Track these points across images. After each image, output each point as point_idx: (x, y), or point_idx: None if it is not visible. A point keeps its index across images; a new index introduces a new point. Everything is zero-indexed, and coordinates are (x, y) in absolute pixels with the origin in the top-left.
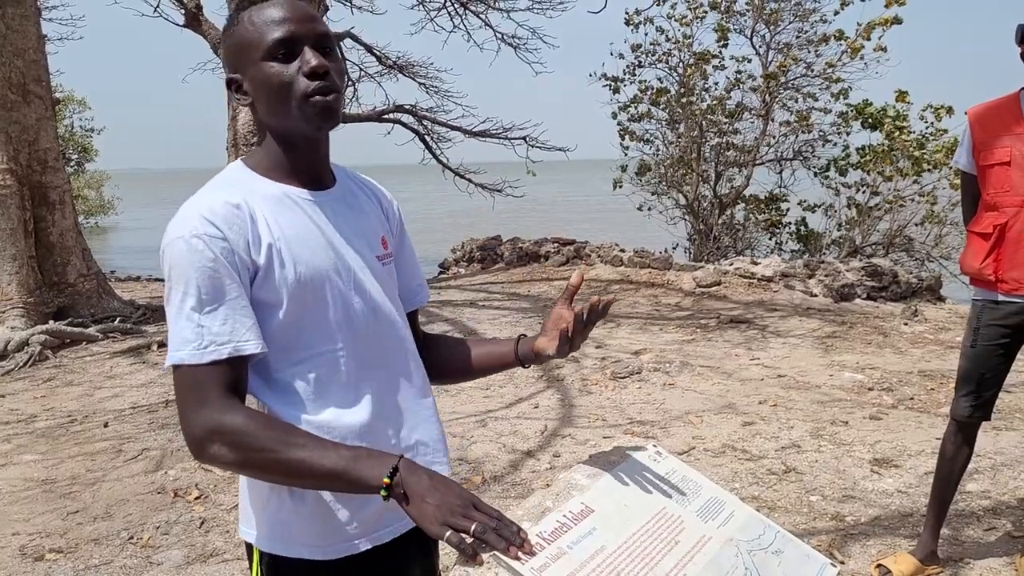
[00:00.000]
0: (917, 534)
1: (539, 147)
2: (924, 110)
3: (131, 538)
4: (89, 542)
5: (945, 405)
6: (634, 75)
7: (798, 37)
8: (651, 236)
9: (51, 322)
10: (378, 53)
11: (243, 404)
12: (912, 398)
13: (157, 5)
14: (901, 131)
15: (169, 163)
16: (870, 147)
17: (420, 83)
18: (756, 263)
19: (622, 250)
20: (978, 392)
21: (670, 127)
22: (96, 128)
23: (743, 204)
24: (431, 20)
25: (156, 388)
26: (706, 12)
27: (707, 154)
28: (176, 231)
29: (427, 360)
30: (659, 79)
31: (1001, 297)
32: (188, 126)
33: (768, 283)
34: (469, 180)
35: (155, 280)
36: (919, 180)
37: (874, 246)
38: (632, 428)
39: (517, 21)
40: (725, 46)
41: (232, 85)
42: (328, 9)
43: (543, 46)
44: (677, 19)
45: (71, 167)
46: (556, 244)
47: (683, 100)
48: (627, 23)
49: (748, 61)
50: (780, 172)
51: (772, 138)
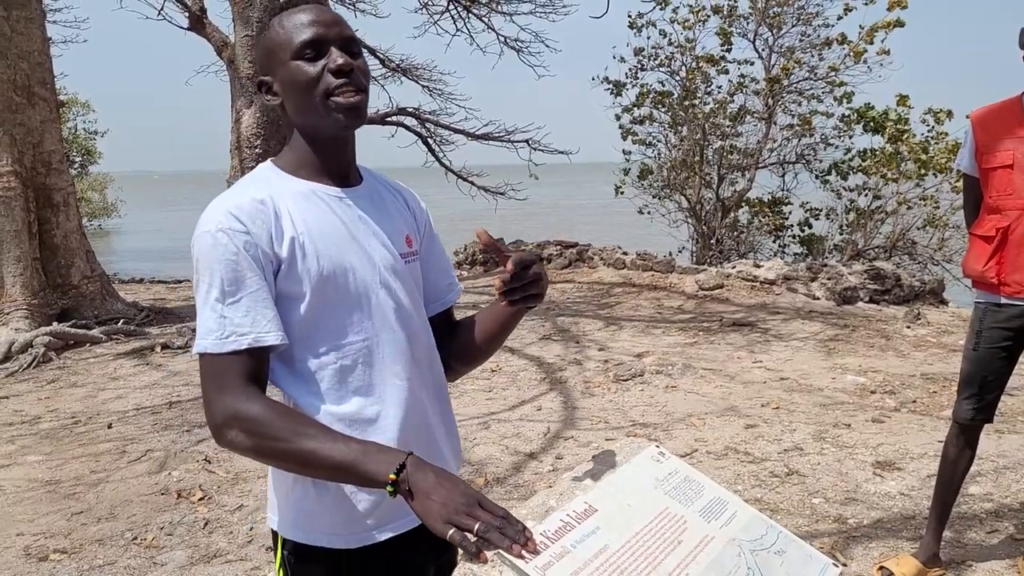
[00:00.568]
0: (919, 536)
1: (542, 150)
2: (926, 113)
3: (135, 539)
4: (93, 543)
5: (948, 408)
6: (636, 79)
7: (801, 41)
8: (654, 239)
9: (55, 324)
10: (381, 56)
11: (263, 393)
12: (914, 401)
13: (161, 8)
14: (904, 134)
15: (173, 166)
16: (873, 150)
17: (423, 86)
18: (759, 266)
19: (625, 253)
20: (980, 395)
21: (672, 130)
22: (100, 131)
23: (746, 207)
24: (434, 23)
25: (160, 390)
26: (708, 16)
27: (710, 157)
28: (203, 225)
29: (462, 343)
30: (661, 82)
31: (1003, 300)
32: (192, 129)
33: (771, 286)
34: (472, 183)
35: (158, 282)
36: (921, 183)
37: (877, 249)
38: (635, 430)
39: (520, 25)
40: (728, 49)
41: (263, 87)
42: None
43: (546, 50)
44: (680, 22)
45: (75, 169)
46: (559, 247)
47: (685, 103)
48: (630, 26)
49: (751, 64)
50: (783, 175)
51: (774, 141)
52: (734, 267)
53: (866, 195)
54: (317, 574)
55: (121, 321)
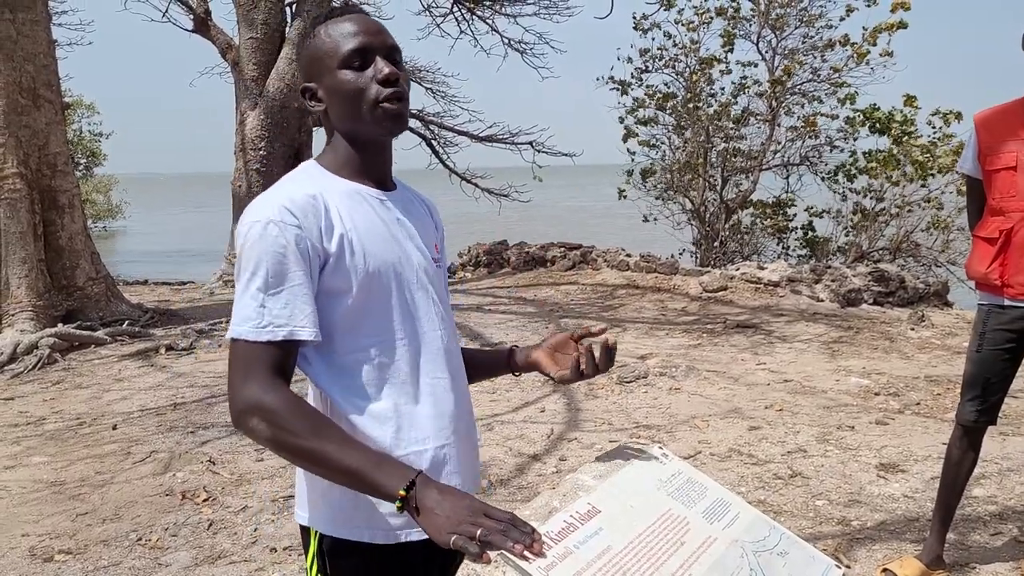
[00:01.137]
0: (923, 539)
1: (546, 152)
2: (933, 115)
3: (140, 539)
4: (98, 543)
5: (951, 410)
6: (641, 80)
7: (804, 42)
8: (658, 241)
9: (60, 325)
10: None
11: (287, 386)
12: (918, 403)
13: (166, 10)
14: (909, 136)
15: (178, 167)
16: (876, 152)
17: (427, 88)
18: (763, 268)
19: (628, 255)
20: (984, 397)
21: (676, 132)
22: (104, 133)
23: (750, 209)
24: (438, 26)
25: (164, 391)
26: (712, 18)
27: (713, 159)
28: (254, 215)
29: None
30: (666, 84)
31: (1007, 302)
32: (196, 131)
33: (775, 288)
34: (476, 185)
35: (162, 284)
36: (926, 185)
37: (881, 251)
38: (638, 432)
39: (524, 26)
40: (731, 51)
41: (306, 93)
42: None
43: (550, 52)
44: (684, 24)
45: (80, 171)
46: (563, 249)
47: (689, 105)
48: (635, 28)
49: (754, 66)
50: (787, 177)
51: (778, 143)
52: (738, 269)
53: (871, 197)
54: (353, 568)
55: (126, 323)
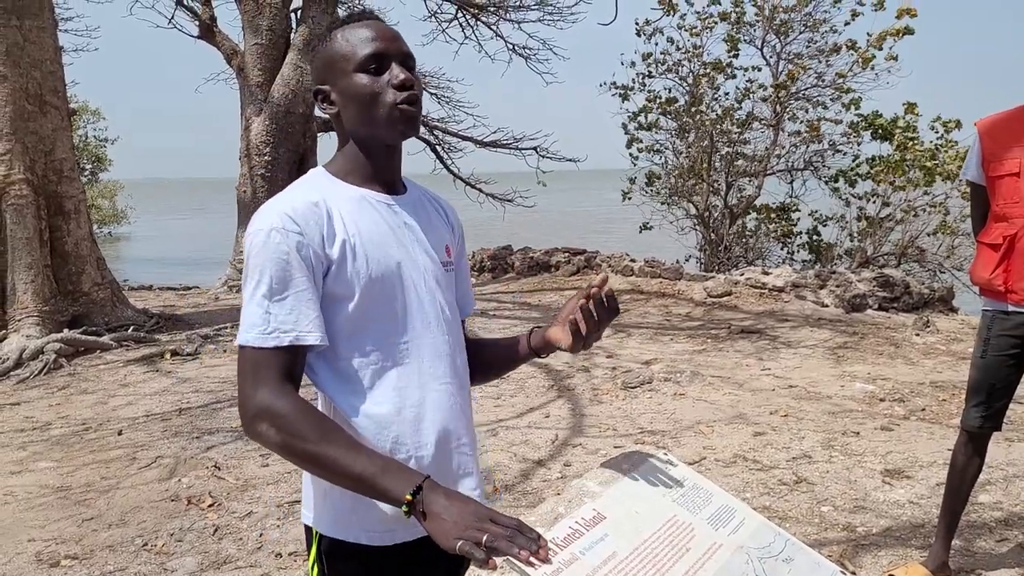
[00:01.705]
0: (928, 545)
1: (550, 157)
2: (934, 121)
3: (145, 545)
4: (104, 549)
5: (957, 416)
6: (644, 85)
7: (808, 47)
8: (662, 246)
9: (66, 330)
10: None
11: (296, 392)
12: (924, 409)
13: (171, 17)
14: (913, 142)
15: (184, 173)
16: (881, 157)
17: (431, 94)
18: (767, 273)
19: (633, 260)
20: (989, 402)
21: (680, 137)
22: (110, 138)
23: (754, 214)
24: (443, 31)
25: (169, 396)
26: (715, 22)
27: (717, 164)
28: (258, 224)
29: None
30: (668, 89)
31: (1011, 307)
32: (201, 136)
33: (779, 293)
34: (480, 190)
35: (167, 289)
36: (930, 191)
37: (886, 257)
38: (643, 438)
39: (528, 32)
40: (735, 56)
41: (319, 96)
42: None
43: (554, 57)
44: (687, 29)
45: (85, 177)
46: (567, 254)
47: (692, 110)
48: (638, 34)
49: (758, 71)
50: (791, 182)
51: (782, 148)
52: (742, 274)
53: (875, 202)
54: (352, 570)
55: (131, 328)
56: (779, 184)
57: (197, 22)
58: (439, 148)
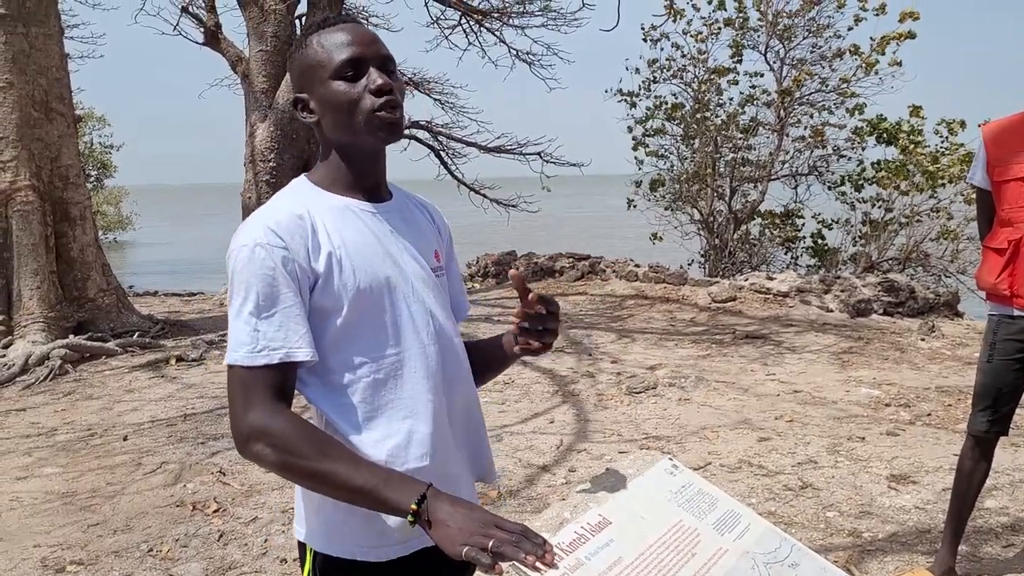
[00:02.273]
0: (935, 551)
1: (554, 162)
2: (939, 124)
3: (151, 550)
4: (109, 554)
5: (963, 421)
6: (649, 90)
7: (812, 52)
8: (666, 251)
9: (71, 336)
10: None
11: (289, 409)
12: (929, 414)
13: (176, 23)
14: (916, 145)
15: (189, 179)
16: (885, 162)
17: (435, 99)
18: (772, 278)
19: (637, 265)
20: (995, 407)
21: (684, 142)
22: (115, 144)
23: (759, 219)
24: (446, 37)
25: (175, 402)
26: (720, 28)
27: (722, 169)
28: (241, 239)
29: None
30: (674, 95)
31: (1016, 312)
32: (206, 142)
33: (784, 298)
34: (484, 195)
35: (172, 295)
36: (935, 195)
37: (890, 261)
38: (648, 443)
39: (532, 38)
40: (740, 61)
41: (298, 104)
42: None
43: (558, 63)
44: (692, 35)
45: (91, 183)
46: (571, 259)
47: (698, 115)
48: (644, 39)
49: (762, 76)
50: (795, 187)
51: (787, 153)
52: (747, 279)
53: (879, 207)
54: None
55: (136, 334)
56: (783, 189)
57: (202, 29)
58: (443, 154)
